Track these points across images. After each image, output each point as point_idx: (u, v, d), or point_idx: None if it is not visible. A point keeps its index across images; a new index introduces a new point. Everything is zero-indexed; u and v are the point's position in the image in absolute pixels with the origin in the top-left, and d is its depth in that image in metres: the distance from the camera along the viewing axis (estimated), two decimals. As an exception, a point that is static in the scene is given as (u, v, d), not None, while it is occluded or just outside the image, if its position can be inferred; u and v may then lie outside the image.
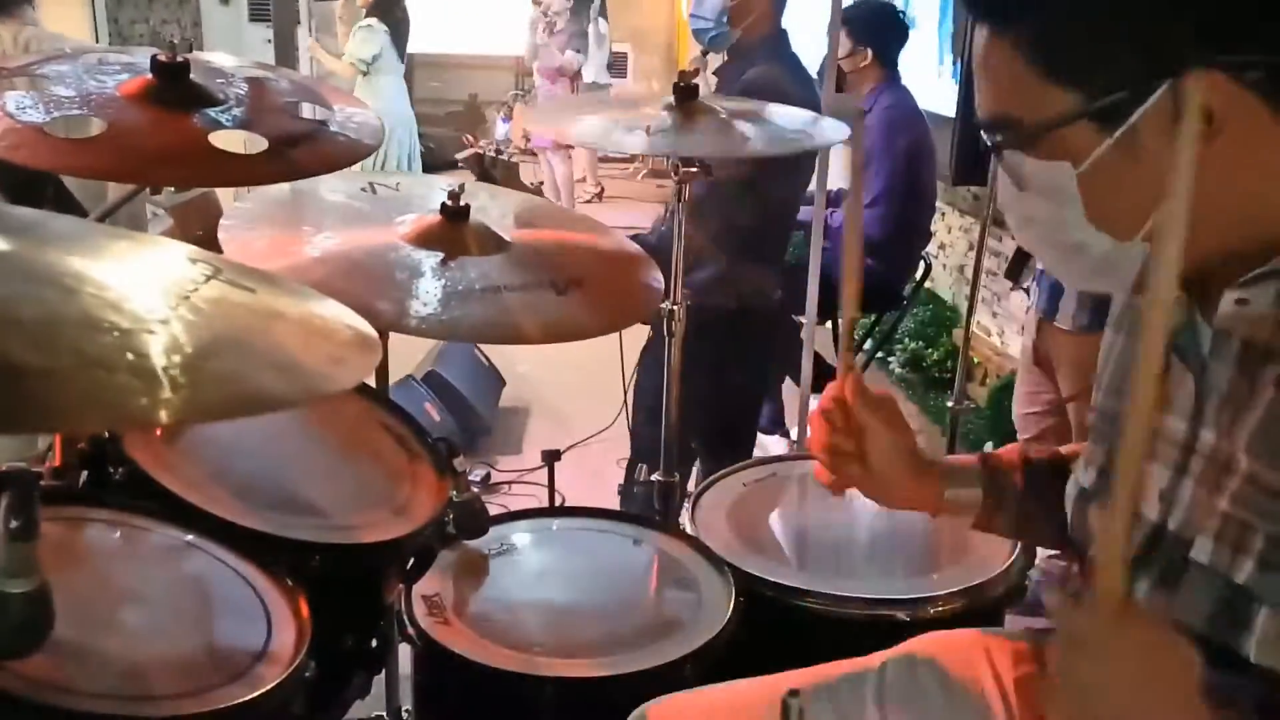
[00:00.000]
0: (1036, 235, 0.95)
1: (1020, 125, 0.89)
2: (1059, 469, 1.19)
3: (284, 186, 1.66)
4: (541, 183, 7.59)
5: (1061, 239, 0.92)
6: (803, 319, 2.79)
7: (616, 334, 2.69)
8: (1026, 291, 2.87)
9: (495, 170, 1.94)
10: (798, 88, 2.52)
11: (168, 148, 1.35)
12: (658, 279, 1.68)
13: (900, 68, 3.74)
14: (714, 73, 2.94)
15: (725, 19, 2.72)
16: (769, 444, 3.82)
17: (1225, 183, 0.83)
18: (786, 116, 1.99)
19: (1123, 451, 0.77)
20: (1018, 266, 2.89)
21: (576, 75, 7.95)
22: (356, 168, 1.53)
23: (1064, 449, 1.26)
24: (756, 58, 2.64)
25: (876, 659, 1.23)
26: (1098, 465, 1.05)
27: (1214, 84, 0.80)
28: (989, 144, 0.92)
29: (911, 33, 3.85)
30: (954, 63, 4.41)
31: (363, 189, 1.68)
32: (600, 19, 8.43)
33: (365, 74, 5.98)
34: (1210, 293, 0.92)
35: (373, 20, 6.01)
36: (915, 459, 1.19)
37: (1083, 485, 1.07)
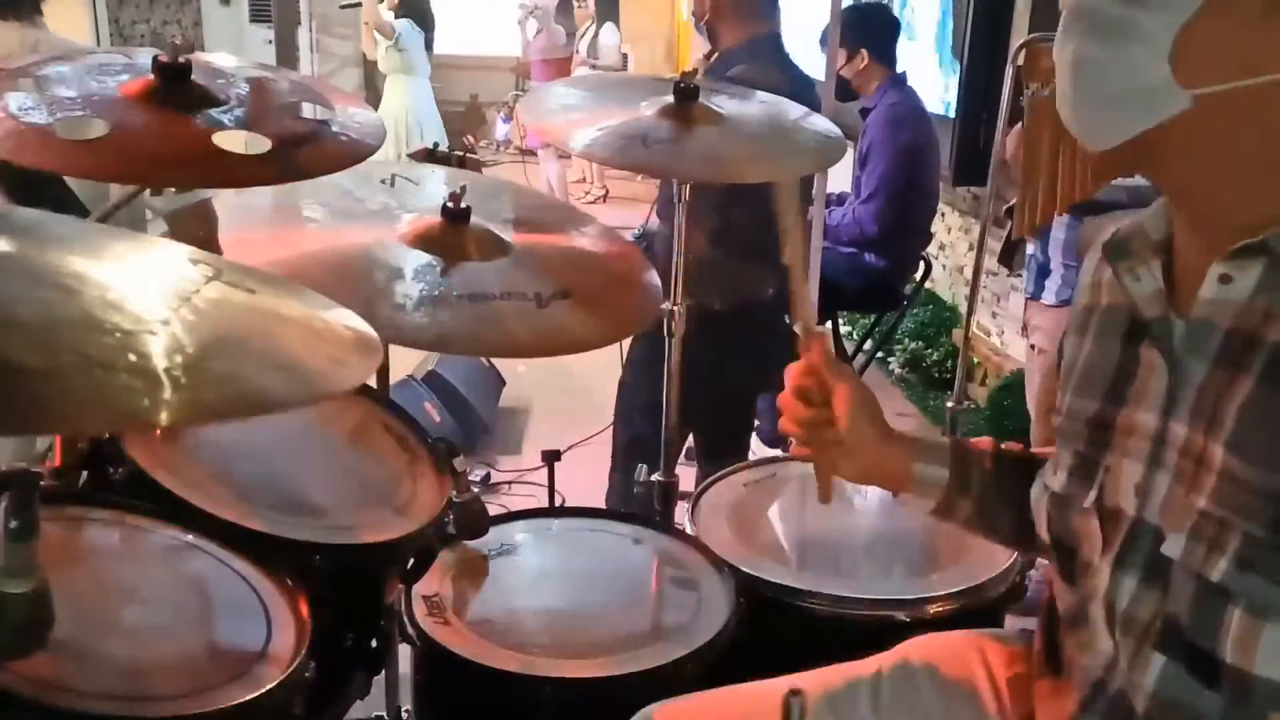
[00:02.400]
0: (1090, 42, 0.90)
1: None
2: (1027, 467, 1.19)
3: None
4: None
5: (1108, 55, 0.88)
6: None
7: (617, 334, 2.70)
8: (1018, 275, 2.93)
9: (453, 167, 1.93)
10: (781, 85, 2.52)
11: (172, 149, 1.34)
12: (656, 285, 1.68)
13: (901, 68, 3.74)
14: (703, 73, 2.96)
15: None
16: (770, 454, 3.81)
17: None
18: (786, 109, 1.99)
19: None
20: (1009, 252, 2.92)
21: (567, 61, 8.02)
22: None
23: (1035, 450, 1.26)
24: (738, 59, 2.64)
25: (871, 664, 1.23)
26: (1067, 468, 1.05)
27: None
28: None
29: (912, 34, 3.85)
30: (954, 64, 4.41)
31: (383, 180, 1.68)
32: (611, 24, 8.46)
33: (400, 50, 6.20)
34: (1184, 286, 0.92)
35: (403, 22, 6.24)
36: (883, 424, 1.20)
37: (1054, 490, 1.06)
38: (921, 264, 3.93)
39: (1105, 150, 0.92)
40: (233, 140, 1.34)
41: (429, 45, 6.57)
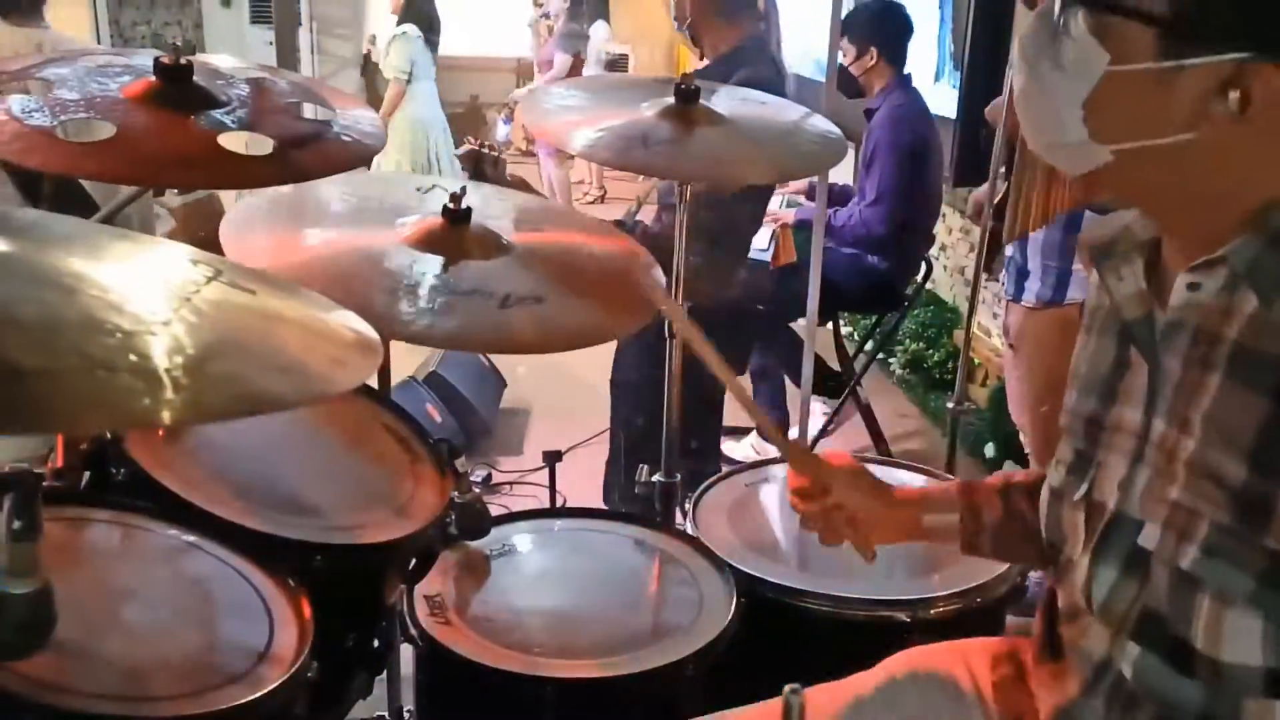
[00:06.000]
0: (1025, 97, 0.96)
1: None
2: (1039, 493, 1.20)
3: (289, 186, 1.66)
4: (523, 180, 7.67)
5: (1039, 109, 0.94)
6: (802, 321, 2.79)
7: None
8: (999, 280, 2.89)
9: (486, 166, 2.07)
10: (782, 87, 2.52)
11: (176, 150, 1.35)
12: (658, 284, 1.68)
13: (906, 69, 3.73)
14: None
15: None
16: (771, 453, 3.81)
17: (1250, 164, 0.87)
18: (787, 110, 1.99)
19: None
20: (991, 257, 2.90)
21: (577, 70, 7.99)
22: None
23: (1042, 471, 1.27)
24: (737, 62, 2.63)
25: (853, 684, 1.23)
26: (1066, 464, 1.06)
27: (1268, 75, 0.83)
28: None
29: (912, 35, 3.83)
30: (954, 65, 4.41)
31: (417, 188, 1.68)
32: (601, 21, 8.45)
33: (408, 83, 6.03)
34: (1166, 284, 0.94)
35: (407, 27, 6.04)
36: (882, 491, 1.29)
37: (1052, 485, 1.08)
38: (923, 265, 3.93)
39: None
40: (235, 141, 1.35)
41: (434, 48, 6.50)
